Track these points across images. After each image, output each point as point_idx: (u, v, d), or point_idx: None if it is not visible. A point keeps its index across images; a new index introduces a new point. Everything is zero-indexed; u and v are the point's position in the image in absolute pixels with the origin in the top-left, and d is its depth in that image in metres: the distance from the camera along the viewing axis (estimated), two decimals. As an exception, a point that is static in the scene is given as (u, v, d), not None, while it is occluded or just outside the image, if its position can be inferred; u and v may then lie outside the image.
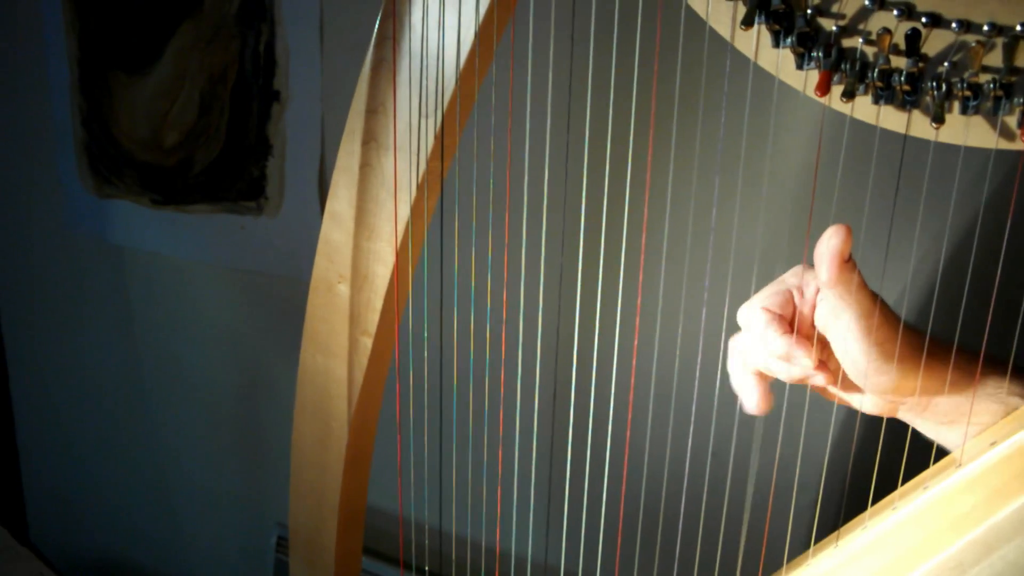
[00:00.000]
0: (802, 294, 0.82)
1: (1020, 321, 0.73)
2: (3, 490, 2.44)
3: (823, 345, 0.82)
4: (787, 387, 0.87)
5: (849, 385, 0.82)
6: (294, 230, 1.79)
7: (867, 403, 0.82)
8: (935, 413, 0.79)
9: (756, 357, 0.83)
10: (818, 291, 0.81)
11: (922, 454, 0.79)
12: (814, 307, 0.81)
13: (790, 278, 0.82)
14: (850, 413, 0.97)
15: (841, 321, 0.77)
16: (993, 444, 0.72)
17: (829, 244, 0.75)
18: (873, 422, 0.87)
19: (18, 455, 2.44)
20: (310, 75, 1.69)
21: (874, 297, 0.77)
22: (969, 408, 0.77)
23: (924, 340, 0.77)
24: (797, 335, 0.79)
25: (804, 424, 0.89)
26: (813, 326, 0.82)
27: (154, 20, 1.81)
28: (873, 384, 0.78)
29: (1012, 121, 0.64)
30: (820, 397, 1.04)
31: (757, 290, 0.83)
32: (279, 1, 1.67)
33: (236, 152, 1.80)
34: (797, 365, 0.80)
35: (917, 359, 0.76)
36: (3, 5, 2.01)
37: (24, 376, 2.35)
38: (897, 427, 0.84)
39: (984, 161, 0.80)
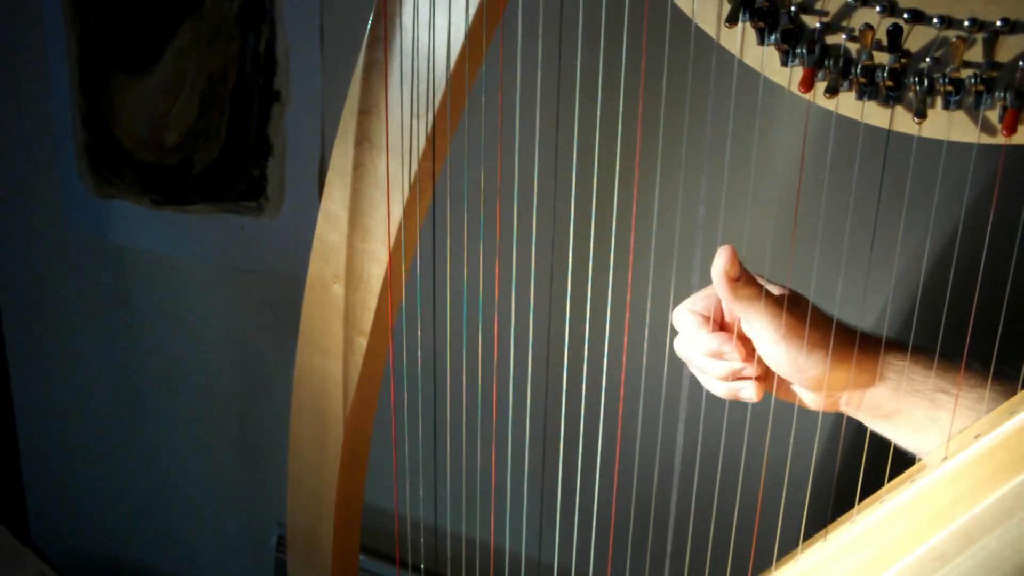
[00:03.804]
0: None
1: (1001, 321, 0.73)
2: (4, 489, 2.45)
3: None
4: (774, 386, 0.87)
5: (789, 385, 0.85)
6: (294, 230, 1.79)
7: (809, 400, 0.84)
8: (869, 408, 0.81)
9: (692, 357, 0.86)
10: None
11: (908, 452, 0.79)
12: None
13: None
14: (838, 413, 0.97)
15: (753, 328, 0.81)
16: (977, 437, 0.72)
17: (715, 266, 0.80)
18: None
19: (19, 455, 2.44)
20: (310, 75, 1.69)
21: (780, 300, 0.80)
22: (899, 403, 0.79)
23: (845, 329, 0.80)
24: (725, 333, 0.84)
25: (793, 422, 0.89)
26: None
27: (154, 20, 1.82)
28: (803, 381, 0.81)
29: (993, 116, 0.65)
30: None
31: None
32: (279, 1, 1.68)
33: (236, 152, 1.81)
34: (728, 359, 0.83)
35: (838, 352, 0.79)
36: (3, 5, 2.01)
37: (24, 376, 2.36)
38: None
39: (967, 159, 0.81)
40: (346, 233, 1.00)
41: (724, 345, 0.83)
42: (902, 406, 0.79)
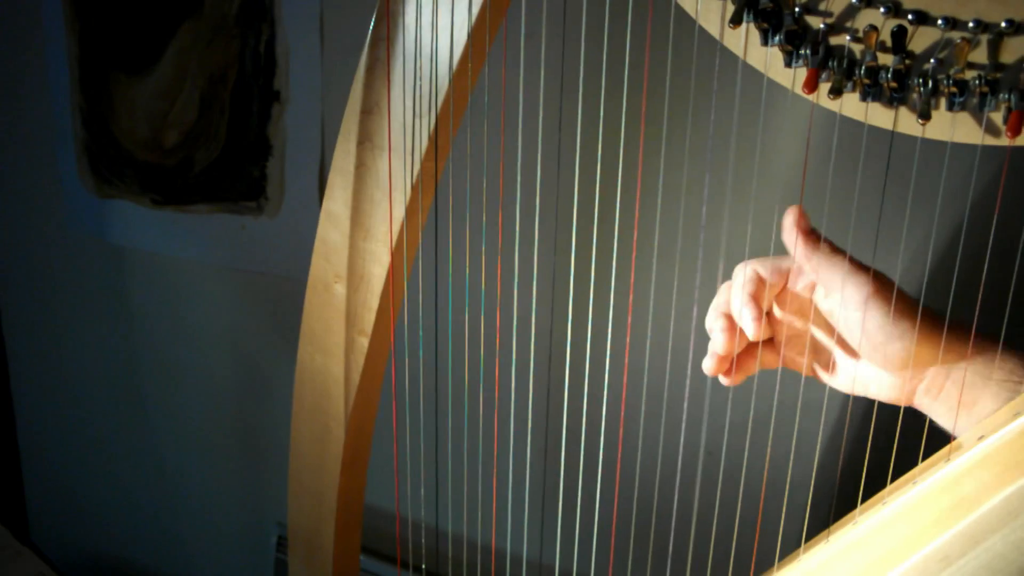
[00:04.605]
0: (798, 275, 0.83)
1: (1005, 322, 0.74)
2: (4, 489, 2.45)
3: (798, 340, 0.84)
4: (777, 386, 0.87)
5: (864, 373, 0.82)
6: (294, 230, 1.79)
7: (885, 387, 0.81)
8: (950, 396, 0.78)
9: (718, 302, 0.84)
10: (814, 284, 0.82)
11: (911, 454, 0.79)
12: (811, 288, 0.83)
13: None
14: (840, 414, 0.97)
15: (836, 293, 0.78)
16: (981, 439, 0.72)
17: (786, 223, 0.79)
18: (863, 423, 0.87)
19: (19, 454, 2.44)
20: (310, 75, 1.69)
21: (861, 263, 0.78)
22: (978, 392, 0.76)
23: (929, 309, 0.77)
24: (760, 308, 0.81)
25: (796, 423, 0.89)
26: (802, 313, 0.84)
27: (154, 20, 1.82)
28: (885, 356, 0.78)
29: (998, 117, 0.65)
30: (810, 396, 1.04)
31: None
32: (279, 1, 1.68)
33: (236, 152, 1.81)
34: (743, 323, 0.81)
35: (925, 326, 0.77)
36: (3, 5, 2.01)
37: (24, 376, 2.36)
38: (886, 427, 0.85)
39: (971, 160, 0.81)
40: (348, 233, 1.00)
41: (749, 310, 0.81)
42: (980, 395, 0.76)
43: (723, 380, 0.85)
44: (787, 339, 0.86)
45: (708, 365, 0.85)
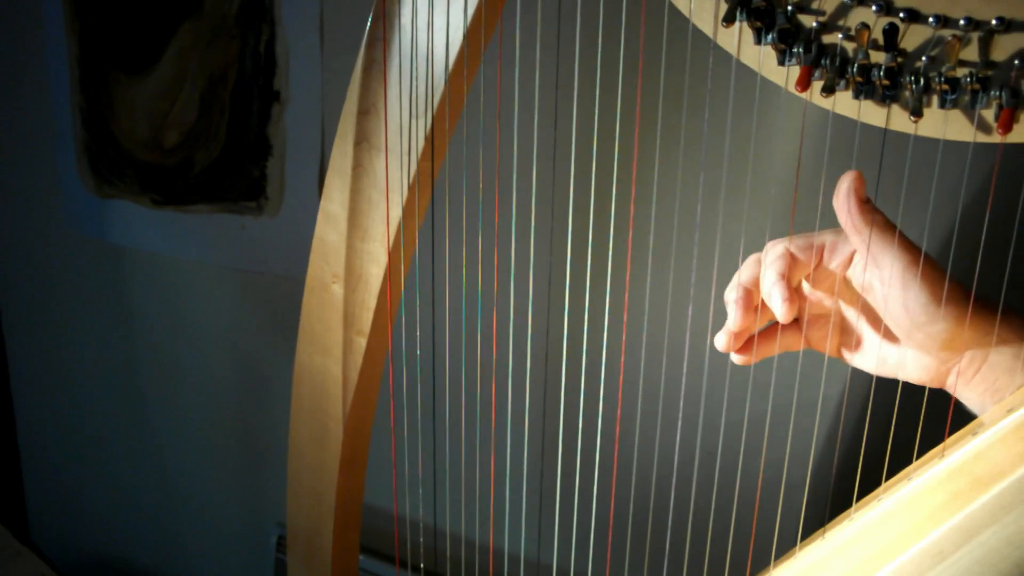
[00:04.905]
0: (833, 252, 0.81)
1: (997, 322, 0.74)
2: (4, 489, 2.45)
3: (821, 320, 0.83)
4: (773, 385, 0.87)
5: (896, 353, 0.80)
6: (294, 230, 1.79)
7: (916, 368, 0.80)
8: (984, 379, 0.77)
9: (745, 276, 0.82)
10: (853, 253, 0.80)
11: (906, 451, 0.79)
12: (846, 265, 0.81)
13: (827, 234, 0.82)
14: (836, 412, 0.97)
15: (883, 269, 0.76)
16: (975, 435, 0.73)
17: (843, 188, 0.76)
18: (859, 421, 0.87)
19: (19, 455, 2.44)
20: (310, 75, 1.69)
21: (910, 241, 0.76)
22: (1013, 378, 0.75)
23: (968, 289, 0.75)
24: (791, 289, 0.79)
25: (791, 423, 0.89)
26: (833, 291, 0.82)
27: (154, 20, 1.82)
28: (925, 336, 0.76)
29: (989, 115, 0.65)
30: (807, 395, 1.04)
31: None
32: (279, 1, 1.68)
33: (236, 152, 1.81)
34: (772, 305, 0.79)
35: (966, 307, 0.74)
36: (3, 5, 2.01)
37: (24, 376, 2.36)
38: (881, 424, 0.85)
39: (964, 157, 0.81)
40: (345, 233, 1.01)
41: (778, 290, 0.78)
42: (1013, 381, 0.75)
43: (735, 359, 0.83)
44: (813, 319, 0.85)
45: (720, 341, 0.82)
